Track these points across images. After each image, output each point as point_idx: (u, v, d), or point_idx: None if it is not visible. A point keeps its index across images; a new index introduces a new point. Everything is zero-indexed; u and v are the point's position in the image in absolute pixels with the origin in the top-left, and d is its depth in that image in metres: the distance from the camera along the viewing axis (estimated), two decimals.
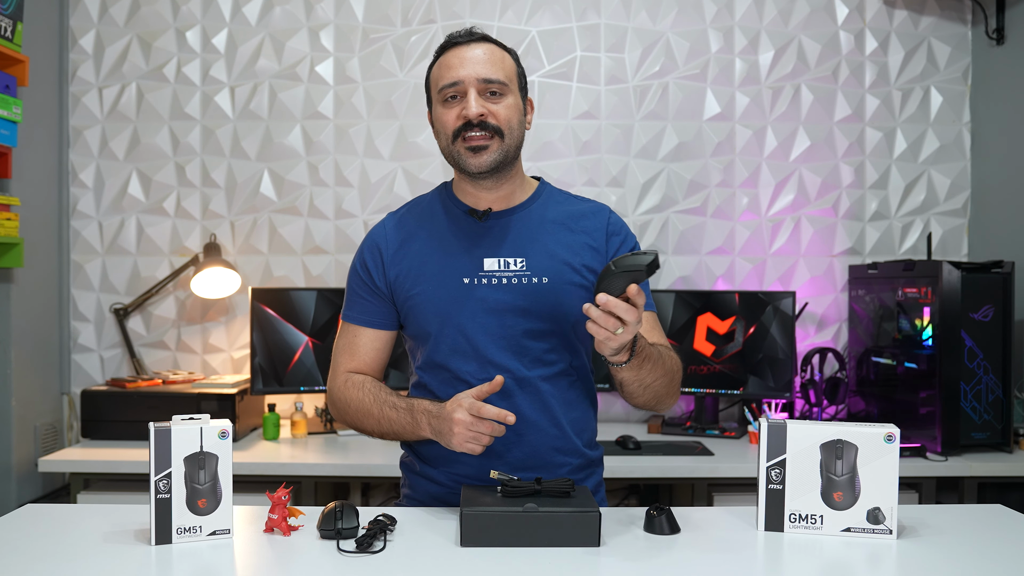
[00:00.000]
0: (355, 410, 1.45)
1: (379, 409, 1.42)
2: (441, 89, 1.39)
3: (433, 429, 1.34)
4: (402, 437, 1.43)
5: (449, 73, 1.39)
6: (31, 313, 2.57)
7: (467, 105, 1.37)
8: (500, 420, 1.27)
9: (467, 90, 1.38)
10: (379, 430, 1.43)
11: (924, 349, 2.35)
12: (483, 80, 1.38)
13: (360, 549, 1.18)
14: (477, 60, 1.38)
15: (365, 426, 1.45)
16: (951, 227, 2.85)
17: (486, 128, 1.37)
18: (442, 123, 1.40)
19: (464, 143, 1.38)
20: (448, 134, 1.40)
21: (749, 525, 1.31)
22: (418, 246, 1.46)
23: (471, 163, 1.39)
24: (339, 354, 1.51)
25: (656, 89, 2.81)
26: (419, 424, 1.36)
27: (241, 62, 2.79)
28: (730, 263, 2.84)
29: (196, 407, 2.35)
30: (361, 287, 1.49)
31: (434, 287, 1.42)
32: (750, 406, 2.62)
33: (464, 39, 1.41)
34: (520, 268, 1.42)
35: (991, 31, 2.71)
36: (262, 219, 2.80)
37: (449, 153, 1.42)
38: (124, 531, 1.26)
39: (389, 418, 1.41)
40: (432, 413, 1.34)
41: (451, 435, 1.29)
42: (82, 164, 2.79)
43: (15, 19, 2.27)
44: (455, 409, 1.29)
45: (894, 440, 1.24)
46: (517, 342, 1.40)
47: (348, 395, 1.46)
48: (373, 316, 1.48)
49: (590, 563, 1.15)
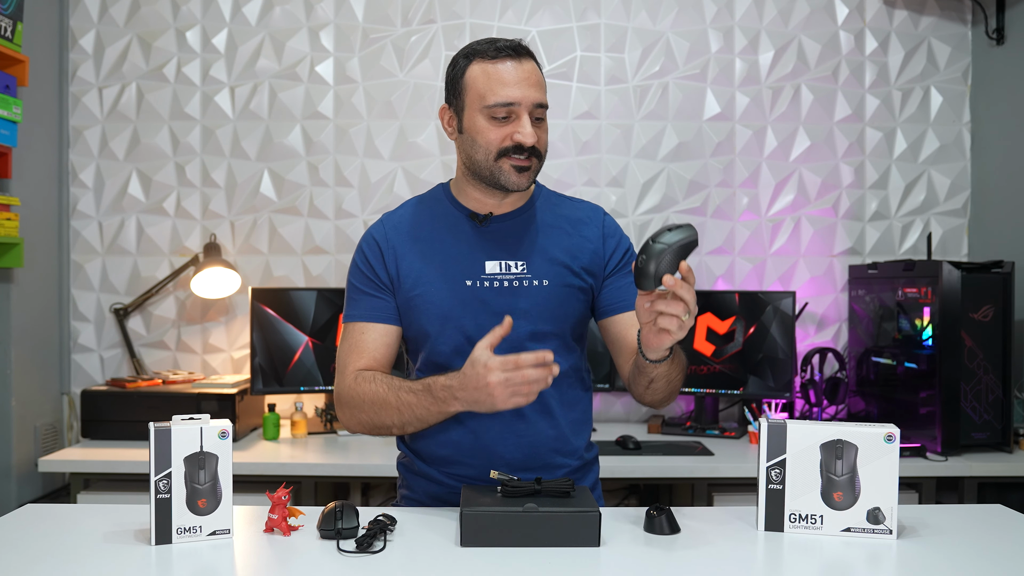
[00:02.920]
0: (371, 403, 1.37)
1: (396, 396, 1.35)
2: (493, 105, 1.37)
3: (464, 402, 1.28)
4: (426, 421, 1.35)
5: (504, 91, 1.36)
6: (31, 313, 2.57)
7: (522, 131, 1.36)
8: (540, 363, 1.22)
9: (522, 114, 1.37)
10: (399, 420, 1.36)
11: (924, 349, 2.35)
12: (537, 105, 1.38)
13: (360, 549, 1.18)
14: (532, 82, 1.38)
15: (383, 419, 1.37)
16: (951, 227, 2.85)
17: (532, 152, 1.39)
18: (487, 139, 1.39)
19: (510, 161, 1.38)
20: (493, 151, 1.39)
21: (749, 525, 1.31)
22: (419, 247, 1.45)
23: (514, 181, 1.39)
24: (346, 355, 1.44)
25: (656, 89, 2.81)
26: (444, 402, 1.30)
27: (241, 62, 2.79)
28: (730, 263, 2.83)
29: (196, 407, 2.35)
30: (365, 283, 1.46)
31: (436, 288, 1.42)
32: (750, 406, 2.62)
33: (516, 53, 1.38)
34: (521, 271, 1.42)
35: (991, 31, 2.71)
36: (262, 219, 2.80)
37: (486, 166, 1.40)
38: (124, 531, 1.26)
39: (409, 403, 1.34)
40: (455, 388, 1.28)
41: (492, 399, 1.24)
42: (82, 164, 2.79)
43: (15, 19, 2.27)
44: (486, 373, 1.23)
45: (894, 440, 1.25)
46: (519, 344, 1.39)
47: (361, 390, 1.38)
48: (380, 311, 1.45)
49: (590, 563, 1.15)
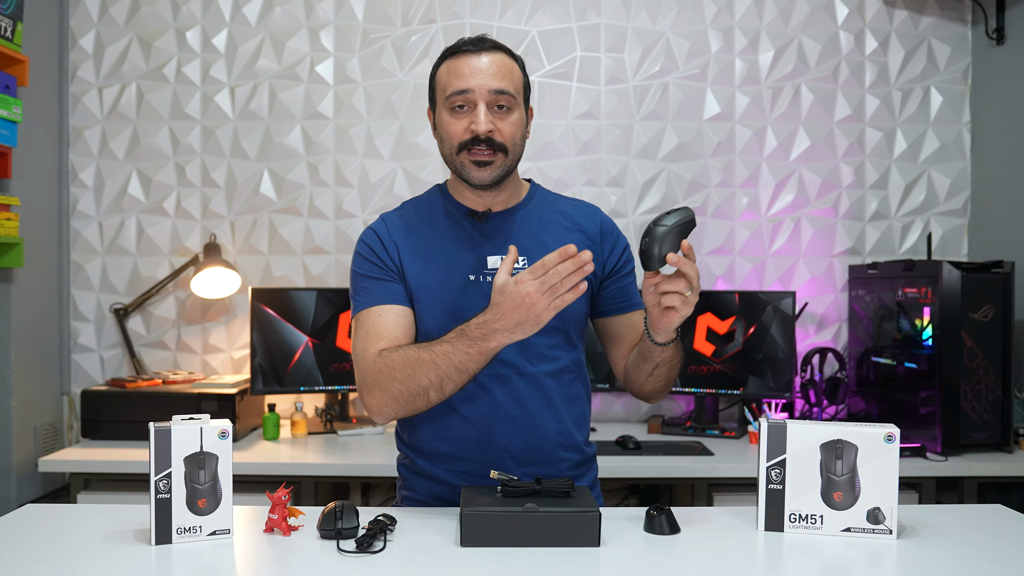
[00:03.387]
0: (402, 367, 1.30)
1: (428, 351, 1.29)
2: (449, 96, 1.38)
3: (504, 331, 1.23)
4: (466, 370, 1.29)
5: (459, 81, 1.37)
6: (31, 313, 2.57)
7: (476, 119, 1.36)
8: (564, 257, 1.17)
9: (476, 101, 1.37)
10: (436, 376, 1.29)
11: (924, 349, 2.35)
12: (493, 92, 1.37)
13: (360, 549, 1.18)
14: (488, 71, 1.37)
15: (419, 379, 1.30)
16: (951, 227, 2.85)
17: (492, 145, 1.37)
18: (448, 132, 1.40)
19: (469, 155, 1.38)
20: (454, 145, 1.39)
21: (749, 525, 1.31)
22: (421, 243, 1.46)
23: (474, 176, 1.39)
24: (363, 343, 1.38)
25: (656, 89, 2.81)
26: (483, 339, 1.25)
27: (241, 62, 2.79)
28: (730, 263, 2.83)
29: (196, 407, 2.35)
30: (374, 271, 1.43)
31: (440, 283, 1.42)
32: (750, 406, 2.62)
33: (476, 46, 1.39)
34: (522, 266, 1.43)
35: (991, 31, 2.71)
36: (262, 219, 2.80)
37: (452, 162, 1.42)
38: (124, 531, 1.26)
39: (445, 352, 1.28)
40: (491, 320, 1.23)
41: (535, 311, 1.20)
42: (82, 164, 2.79)
43: (15, 19, 2.27)
44: (520, 288, 1.19)
45: (894, 440, 1.25)
46: (525, 341, 1.38)
47: (388, 360, 1.33)
48: (395, 295, 1.42)
49: (590, 563, 1.15)
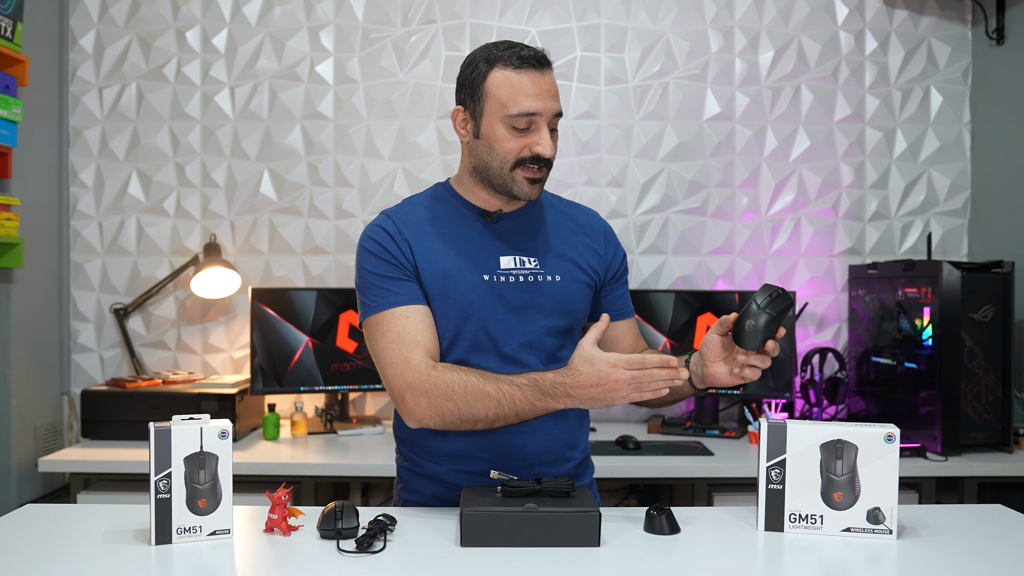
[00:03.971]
0: (463, 393, 1.31)
1: (496, 387, 1.31)
2: (515, 115, 1.36)
3: (578, 399, 1.28)
4: (522, 416, 1.33)
5: (528, 101, 1.36)
6: (31, 313, 2.57)
7: (542, 143, 1.37)
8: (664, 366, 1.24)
9: (542, 126, 1.38)
10: (496, 412, 1.31)
11: (924, 349, 2.35)
12: (555, 115, 1.39)
13: (360, 549, 1.18)
14: (552, 92, 1.38)
15: (477, 409, 1.32)
16: (951, 227, 2.85)
17: (545, 163, 1.40)
18: (505, 148, 1.38)
19: (524, 172, 1.39)
20: (509, 160, 1.39)
21: (749, 525, 1.31)
22: (432, 242, 1.43)
23: (526, 192, 1.40)
24: (397, 346, 1.36)
25: (656, 89, 2.81)
26: (553, 398, 1.29)
27: (241, 62, 2.79)
28: (730, 263, 2.83)
29: (196, 407, 2.35)
30: (390, 270, 1.39)
31: (454, 283, 1.40)
32: (750, 406, 2.62)
33: (540, 64, 1.38)
34: (535, 266, 1.44)
35: (991, 31, 2.71)
36: (262, 219, 2.80)
37: (500, 175, 1.40)
38: (124, 531, 1.26)
39: (511, 396, 1.30)
40: (569, 385, 1.27)
41: (614, 395, 1.25)
42: (82, 164, 2.79)
43: (15, 19, 2.27)
44: (612, 371, 1.24)
45: (894, 440, 1.25)
46: (537, 339, 1.42)
47: (448, 379, 1.32)
48: (416, 295, 1.39)
49: (590, 563, 1.15)
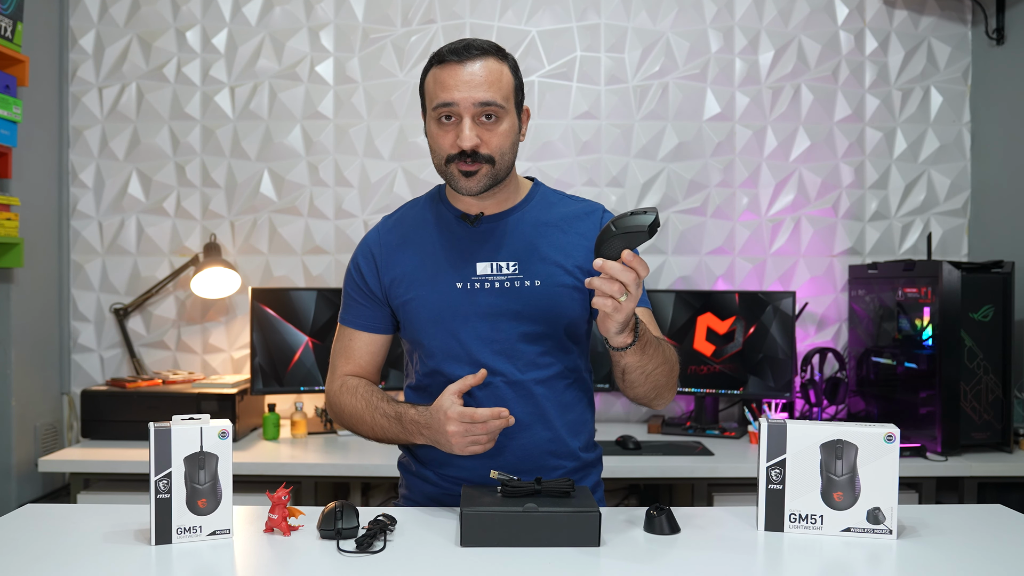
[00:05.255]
0: (349, 415, 1.47)
1: (371, 417, 1.44)
2: (435, 107, 1.35)
3: (428, 439, 1.36)
4: (400, 441, 1.45)
5: (444, 93, 1.33)
6: (31, 313, 2.57)
7: (461, 135, 1.33)
8: (495, 418, 1.28)
9: (462, 115, 1.34)
10: (374, 436, 1.46)
11: (924, 349, 2.35)
12: (479, 104, 1.33)
13: (360, 549, 1.18)
14: (474, 82, 1.33)
15: (361, 430, 1.48)
16: (951, 227, 2.85)
17: (477, 157, 1.35)
18: (436, 144, 1.38)
19: (456, 167, 1.37)
20: (442, 156, 1.38)
21: (749, 525, 1.31)
22: (411, 251, 1.46)
23: (462, 186, 1.38)
24: (336, 357, 1.54)
25: (656, 89, 2.81)
26: (411, 434, 1.39)
27: (241, 62, 2.79)
28: (730, 263, 2.83)
29: (196, 407, 2.35)
30: (356, 291, 1.51)
31: (427, 292, 1.42)
32: (750, 406, 2.62)
33: (460, 56, 1.34)
34: (513, 272, 1.41)
35: (991, 31, 2.71)
36: (262, 219, 2.80)
37: (441, 171, 1.41)
38: (124, 531, 1.26)
39: (382, 426, 1.43)
40: (421, 424, 1.35)
41: (450, 445, 1.31)
42: (82, 164, 2.79)
43: (15, 19, 2.27)
44: (446, 422, 1.30)
45: (894, 440, 1.25)
46: (510, 346, 1.40)
47: (343, 400, 1.48)
48: (368, 320, 1.50)
49: (590, 563, 1.15)
